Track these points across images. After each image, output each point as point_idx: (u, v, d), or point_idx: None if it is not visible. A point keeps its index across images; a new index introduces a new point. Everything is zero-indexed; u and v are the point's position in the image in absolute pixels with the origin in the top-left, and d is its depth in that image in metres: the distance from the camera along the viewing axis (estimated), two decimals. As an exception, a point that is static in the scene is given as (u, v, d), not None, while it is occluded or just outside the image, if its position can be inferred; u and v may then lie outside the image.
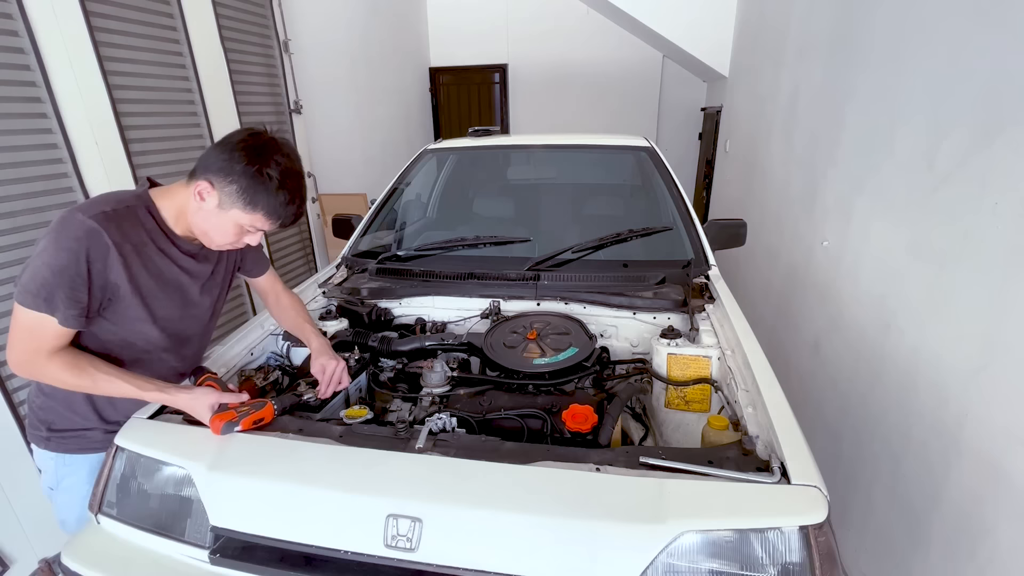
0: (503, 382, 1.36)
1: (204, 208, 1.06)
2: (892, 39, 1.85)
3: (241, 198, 1.03)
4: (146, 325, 1.13)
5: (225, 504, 0.99)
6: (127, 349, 1.15)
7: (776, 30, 3.14)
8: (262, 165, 1.02)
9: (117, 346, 1.14)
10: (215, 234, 1.10)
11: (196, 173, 1.06)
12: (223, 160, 1.03)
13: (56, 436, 1.20)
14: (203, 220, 1.08)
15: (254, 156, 1.02)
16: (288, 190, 1.06)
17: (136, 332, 1.13)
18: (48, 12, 1.91)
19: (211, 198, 1.05)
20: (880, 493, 1.75)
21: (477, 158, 2.75)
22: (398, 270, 1.85)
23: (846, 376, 2.02)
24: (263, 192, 1.03)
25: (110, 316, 1.09)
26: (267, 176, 1.03)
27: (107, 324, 1.10)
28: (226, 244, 1.13)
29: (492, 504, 0.89)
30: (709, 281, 1.72)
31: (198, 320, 1.26)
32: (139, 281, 1.08)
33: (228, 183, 1.03)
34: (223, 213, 1.06)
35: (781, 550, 0.83)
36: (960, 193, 1.44)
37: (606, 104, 6.50)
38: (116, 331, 1.11)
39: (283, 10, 3.40)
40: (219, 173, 1.03)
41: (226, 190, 1.03)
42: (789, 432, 0.97)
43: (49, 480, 1.26)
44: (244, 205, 1.04)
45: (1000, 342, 1.27)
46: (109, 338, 1.12)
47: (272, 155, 1.04)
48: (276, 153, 1.05)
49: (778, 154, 3.02)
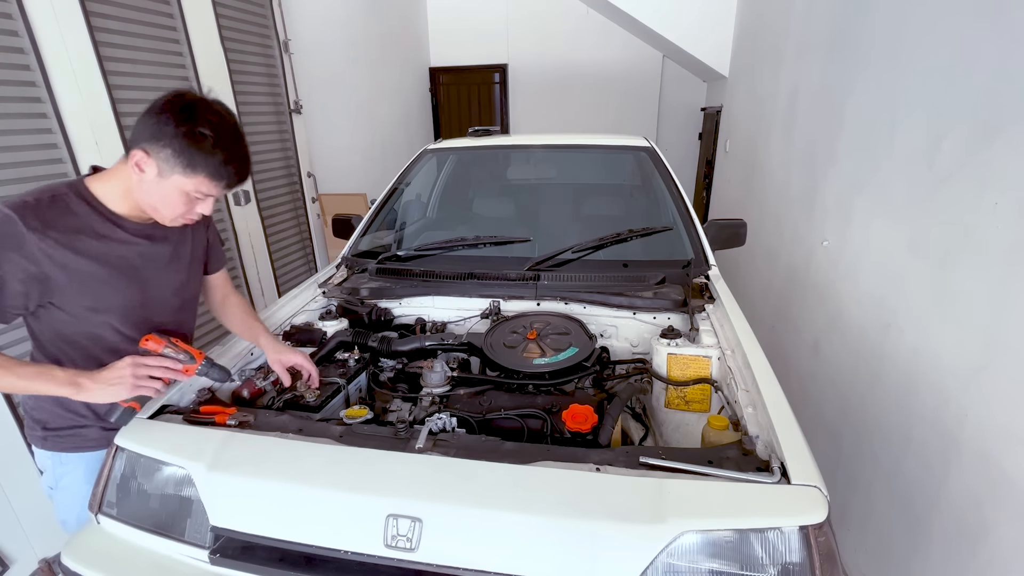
0: (503, 382, 1.36)
1: (145, 180, 1.02)
2: (892, 38, 1.85)
3: (179, 162, 0.99)
4: (104, 315, 1.10)
5: (225, 504, 0.99)
6: (97, 343, 1.12)
7: (776, 30, 3.14)
8: (193, 124, 0.98)
9: (86, 339, 1.11)
10: (163, 207, 1.06)
11: (130, 146, 1.02)
12: (152, 125, 0.99)
13: (52, 435, 1.19)
14: (148, 194, 1.05)
15: (183, 117, 0.98)
16: (225, 147, 1.02)
17: (97, 323, 1.10)
18: (48, 12, 1.91)
19: (149, 168, 1.00)
20: (880, 493, 1.75)
21: (477, 158, 2.75)
22: (398, 270, 1.85)
23: (846, 376, 2.02)
24: (199, 152, 0.99)
25: (61, 305, 1.06)
26: (200, 135, 0.99)
27: (63, 315, 1.07)
28: (178, 216, 1.09)
29: (492, 504, 0.89)
30: (709, 281, 1.72)
31: (167, 305, 1.22)
32: (76, 268, 1.03)
33: (162, 148, 0.98)
34: (164, 182, 1.02)
35: (781, 550, 0.83)
36: (960, 193, 1.44)
37: (606, 104, 6.50)
38: (76, 324, 1.09)
39: (283, 10, 3.40)
40: (151, 139, 0.99)
41: (162, 155, 0.99)
42: (789, 432, 0.97)
43: (48, 480, 1.26)
44: (183, 169, 1.00)
45: (1000, 342, 1.27)
46: (72, 333, 1.10)
47: (203, 113, 1.00)
48: (206, 111, 1.01)
49: (778, 154, 3.02)
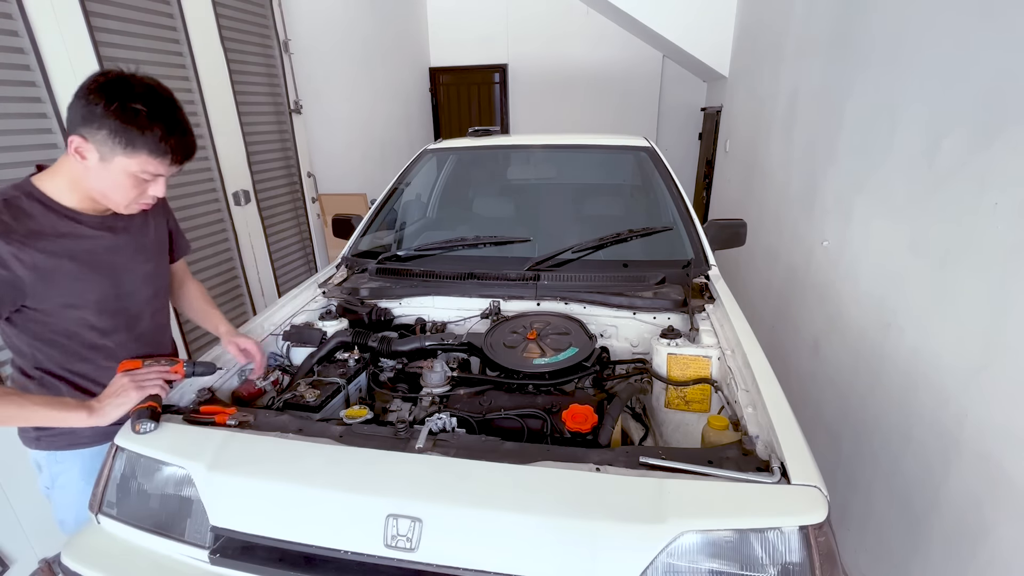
0: (503, 382, 1.36)
1: (90, 167, 0.99)
2: (892, 38, 1.85)
3: (117, 142, 0.96)
4: (80, 311, 1.09)
5: (225, 504, 0.99)
6: (75, 339, 1.12)
7: (776, 30, 3.14)
8: (124, 100, 0.95)
9: (65, 338, 1.11)
10: (114, 193, 1.03)
11: (67, 134, 0.99)
12: (83, 108, 0.96)
13: (45, 435, 1.18)
14: (96, 181, 1.02)
15: (111, 94, 0.96)
16: (162, 119, 0.98)
17: (73, 319, 1.09)
18: (48, 12, 1.91)
19: (90, 153, 0.98)
20: (880, 493, 1.75)
21: (477, 158, 2.75)
22: (398, 270, 1.85)
23: (846, 376, 2.02)
24: (135, 129, 0.96)
25: (36, 306, 1.04)
26: (133, 110, 0.96)
27: (38, 316, 1.06)
28: (131, 202, 1.06)
29: (492, 504, 0.89)
30: (709, 281, 1.72)
31: (139, 294, 1.21)
32: (45, 268, 1.02)
33: (96, 130, 0.95)
34: (109, 166, 0.99)
35: (781, 550, 0.83)
36: (960, 192, 1.44)
37: (606, 104, 6.50)
38: (52, 323, 1.08)
39: (283, 10, 3.40)
40: (84, 123, 0.96)
41: (98, 138, 0.96)
42: (789, 432, 0.97)
43: (45, 480, 1.25)
44: (123, 149, 0.97)
45: (1000, 342, 1.27)
46: (49, 334, 1.09)
47: (132, 88, 0.97)
48: (136, 85, 0.98)
49: (778, 154, 3.02)
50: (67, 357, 1.13)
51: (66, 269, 1.05)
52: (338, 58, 4.21)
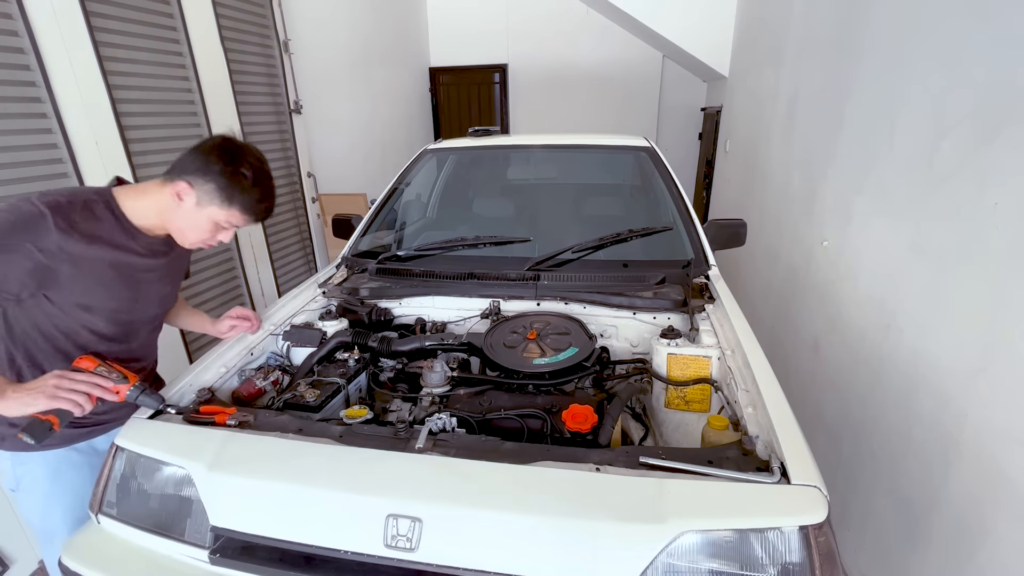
0: (503, 382, 1.36)
1: (183, 207, 1.13)
2: (892, 39, 1.85)
3: (218, 196, 1.12)
4: (93, 314, 1.14)
5: (225, 504, 0.99)
6: (71, 339, 1.15)
7: (776, 30, 3.14)
8: (237, 166, 1.12)
9: (62, 334, 1.13)
10: (191, 232, 1.17)
11: (174, 175, 1.13)
12: (201, 162, 1.11)
13: (10, 434, 1.17)
14: (180, 219, 1.15)
15: (230, 158, 1.12)
16: (261, 188, 1.17)
17: (82, 320, 1.14)
18: (48, 12, 1.91)
19: (189, 197, 1.12)
20: (880, 493, 1.75)
21: (477, 158, 2.75)
22: (398, 270, 1.85)
23: (846, 376, 2.02)
24: (239, 190, 1.13)
25: (54, 299, 1.09)
26: (243, 175, 1.13)
27: (50, 308, 1.10)
28: (199, 241, 1.20)
29: (492, 504, 0.89)
30: (709, 281, 1.72)
31: (148, 313, 1.29)
32: (84, 270, 1.09)
33: (206, 182, 1.11)
34: (201, 211, 1.14)
35: (781, 550, 0.83)
36: (960, 193, 1.44)
37: (606, 104, 6.50)
38: (60, 318, 1.11)
39: (283, 10, 3.40)
40: (196, 173, 1.11)
41: (204, 188, 1.11)
42: (789, 432, 0.97)
43: (8, 481, 1.23)
44: (221, 202, 1.13)
45: (1000, 343, 1.27)
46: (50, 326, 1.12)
47: (246, 157, 1.15)
48: (249, 155, 1.16)
49: (778, 154, 3.02)
50: (54, 351, 1.14)
51: (101, 273, 1.12)
52: (338, 58, 4.21)
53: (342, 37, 4.27)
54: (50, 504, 1.22)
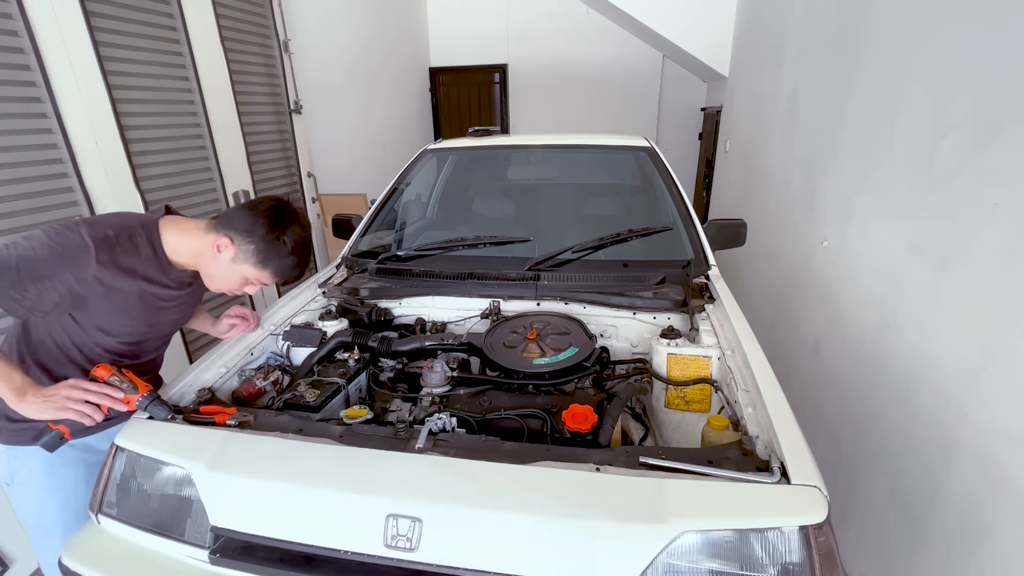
0: (503, 382, 1.36)
1: (219, 259, 1.17)
2: (892, 39, 1.85)
3: (255, 257, 1.16)
4: (106, 337, 1.17)
5: (225, 504, 0.99)
6: (82, 351, 1.17)
7: (776, 30, 3.14)
8: (281, 233, 1.17)
9: (74, 347, 1.16)
10: (221, 282, 1.21)
11: (219, 227, 1.17)
12: (248, 222, 1.16)
13: (7, 428, 1.18)
14: (215, 268, 1.19)
15: (275, 223, 1.17)
16: (298, 256, 1.21)
17: (95, 339, 1.17)
18: (48, 12, 1.91)
19: (227, 252, 1.16)
20: (880, 493, 1.75)
21: (477, 158, 2.75)
22: (398, 270, 1.85)
23: (846, 376, 2.02)
24: (276, 255, 1.17)
25: (78, 318, 1.13)
26: (283, 242, 1.17)
27: (71, 325, 1.13)
28: (225, 290, 1.23)
29: (492, 504, 0.89)
30: (709, 281, 1.72)
31: (161, 336, 1.33)
32: (113, 299, 1.12)
33: (247, 243, 1.15)
34: (235, 266, 1.18)
35: (781, 550, 0.83)
36: (960, 193, 1.44)
37: (606, 104, 6.50)
38: (77, 334, 1.15)
39: (283, 10, 3.40)
40: (241, 233, 1.15)
41: (244, 248, 1.16)
42: (789, 432, 0.97)
43: (3, 476, 1.25)
44: (256, 263, 1.17)
45: (1000, 342, 1.27)
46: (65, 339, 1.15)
47: (290, 224, 1.19)
48: (295, 223, 1.20)
49: (778, 154, 3.02)
50: (65, 361, 1.17)
51: (127, 304, 1.15)
52: (338, 58, 4.21)
53: (342, 37, 4.27)
54: (45, 499, 1.23)
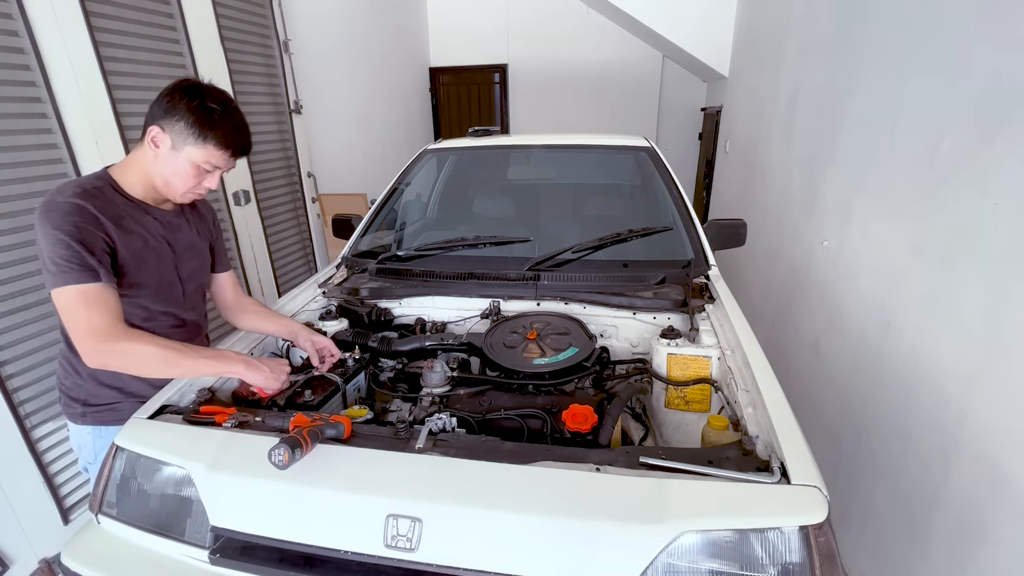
0: (503, 382, 1.36)
1: (160, 154, 1.14)
2: (892, 39, 1.85)
3: (191, 133, 1.12)
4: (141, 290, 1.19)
5: (225, 504, 0.99)
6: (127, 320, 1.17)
7: (776, 30, 3.14)
8: (203, 100, 1.12)
9: None
10: (176, 180, 1.17)
11: (144, 127, 1.14)
12: (166, 104, 1.12)
13: (91, 410, 1.25)
14: (162, 167, 1.16)
15: (194, 94, 1.12)
16: (232, 119, 1.16)
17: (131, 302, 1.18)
18: (48, 12, 1.91)
19: (164, 142, 1.13)
20: (880, 493, 1.75)
21: (477, 158, 2.75)
22: (398, 270, 1.85)
23: (846, 376, 2.02)
24: (209, 123, 1.12)
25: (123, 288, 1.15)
26: (209, 108, 1.12)
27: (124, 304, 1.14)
28: (187, 189, 1.19)
29: (492, 504, 0.89)
30: (709, 281, 1.72)
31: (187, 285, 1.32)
32: (129, 249, 1.15)
33: (175, 122, 1.11)
34: (177, 154, 1.14)
35: (781, 550, 0.83)
36: (960, 193, 1.44)
37: (606, 104, 6.50)
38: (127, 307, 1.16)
39: (283, 10, 3.40)
40: (165, 116, 1.12)
41: (175, 128, 1.12)
42: (789, 432, 0.97)
43: (87, 455, 1.30)
44: (195, 139, 1.12)
45: (1000, 342, 1.27)
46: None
47: (209, 92, 1.15)
48: (212, 91, 1.16)
49: (778, 154, 3.02)
50: None
51: (142, 249, 1.18)
52: (338, 58, 4.21)
53: (342, 37, 4.27)
54: None
